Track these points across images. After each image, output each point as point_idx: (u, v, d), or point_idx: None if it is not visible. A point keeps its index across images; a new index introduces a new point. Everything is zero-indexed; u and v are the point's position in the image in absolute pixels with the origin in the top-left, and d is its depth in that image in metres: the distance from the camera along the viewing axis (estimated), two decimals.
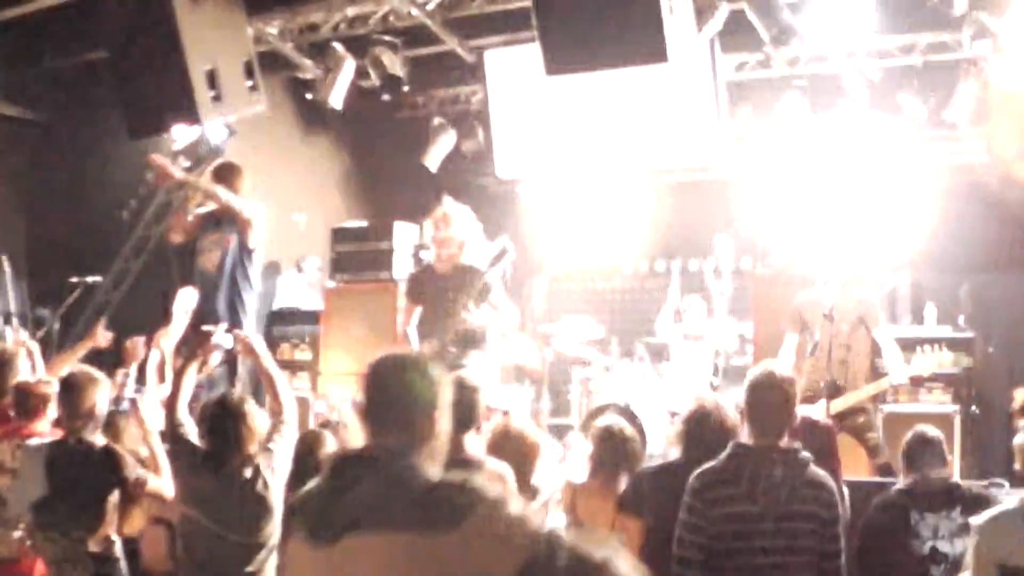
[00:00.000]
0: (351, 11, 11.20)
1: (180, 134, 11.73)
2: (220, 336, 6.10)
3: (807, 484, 4.80)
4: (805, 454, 4.92)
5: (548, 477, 5.97)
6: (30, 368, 7.25)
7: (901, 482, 6.21)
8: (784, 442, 4.93)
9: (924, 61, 11.37)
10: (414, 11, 10.95)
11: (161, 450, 6.19)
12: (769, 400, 4.96)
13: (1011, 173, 11.30)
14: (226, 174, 8.58)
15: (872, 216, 12.16)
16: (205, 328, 6.25)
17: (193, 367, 6.03)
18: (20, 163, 13.55)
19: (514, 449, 5.78)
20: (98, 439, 6.15)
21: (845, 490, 6.09)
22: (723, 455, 4.96)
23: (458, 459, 5.15)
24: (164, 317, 10.65)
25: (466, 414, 5.29)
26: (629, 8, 7.04)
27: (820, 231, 10.09)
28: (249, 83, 8.73)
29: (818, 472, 4.87)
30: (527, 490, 5.72)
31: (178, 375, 6.00)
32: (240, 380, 7.78)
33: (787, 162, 13.33)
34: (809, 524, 4.73)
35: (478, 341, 8.81)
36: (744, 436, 5.15)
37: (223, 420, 5.54)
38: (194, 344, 6.09)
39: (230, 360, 7.62)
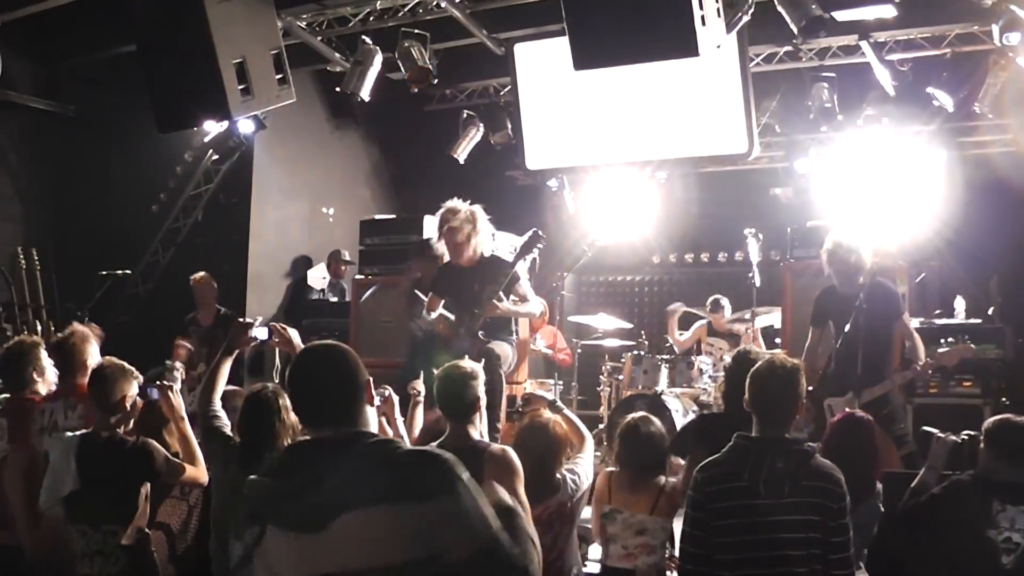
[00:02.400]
0: (380, 4, 11.21)
1: (209, 126, 11.78)
2: (257, 328, 6.07)
3: (811, 475, 4.71)
4: (810, 444, 4.87)
5: (585, 469, 5.96)
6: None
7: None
8: (789, 433, 4.86)
9: (953, 52, 11.33)
10: (443, 3, 10.96)
11: (193, 438, 6.20)
12: (771, 390, 4.87)
13: None
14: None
15: (901, 208, 12.11)
16: (242, 320, 6.24)
17: (229, 359, 6.03)
18: (49, 157, 13.63)
19: (538, 442, 5.79)
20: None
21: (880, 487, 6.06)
22: (726, 448, 4.90)
23: (466, 445, 5.34)
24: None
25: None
26: (659, 2, 7.01)
27: (848, 222, 10.02)
28: (278, 76, 8.73)
29: (824, 463, 4.78)
30: (548, 483, 5.75)
31: (214, 366, 5.99)
32: (278, 371, 7.81)
33: (815, 154, 13.31)
34: (814, 515, 4.64)
35: (505, 330, 8.86)
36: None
37: (258, 413, 5.54)
38: (232, 336, 6.07)
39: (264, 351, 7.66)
